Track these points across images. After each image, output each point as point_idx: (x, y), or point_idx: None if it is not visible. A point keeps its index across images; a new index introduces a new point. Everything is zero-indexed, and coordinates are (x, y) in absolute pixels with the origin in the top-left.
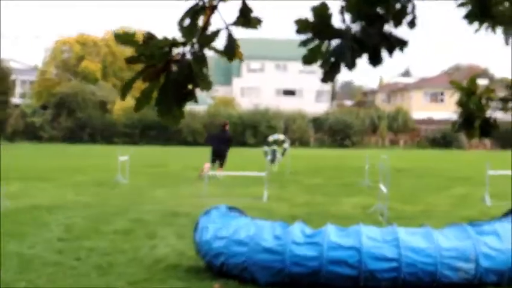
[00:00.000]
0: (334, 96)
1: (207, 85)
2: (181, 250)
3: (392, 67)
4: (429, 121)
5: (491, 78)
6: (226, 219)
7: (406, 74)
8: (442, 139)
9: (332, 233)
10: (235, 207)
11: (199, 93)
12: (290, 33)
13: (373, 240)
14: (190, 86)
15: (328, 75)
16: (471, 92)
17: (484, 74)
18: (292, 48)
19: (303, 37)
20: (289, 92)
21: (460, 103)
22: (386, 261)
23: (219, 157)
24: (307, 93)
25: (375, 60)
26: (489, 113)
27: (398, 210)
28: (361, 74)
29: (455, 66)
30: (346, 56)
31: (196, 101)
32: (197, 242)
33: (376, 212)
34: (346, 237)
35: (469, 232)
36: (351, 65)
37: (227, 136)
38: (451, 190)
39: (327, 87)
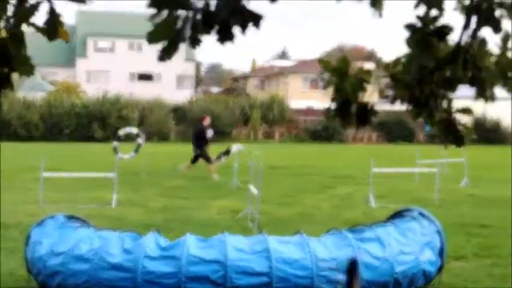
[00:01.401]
0: (198, 81)
1: (27, 69)
2: (9, 269)
3: (267, 48)
4: (309, 111)
5: (378, 62)
6: (65, 231)
7: (283, 56)
8: (324, 131)
9: (192, 245)
10: (75, 216)
11: (36, 78)
12: (146, 7)
13: (240, 252)
14: (6, 70)
15: (166, 52)
16: (343, 73)
17: (370, 56)
18: (148, 24)
19: None
20: (145, 77)
21: (330, 84)
22: (255, 275)
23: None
24: (167, 78)
25: (224, 36)
26: (367, 99)
27: (272, 215)
28: (231, 56)
29: (338, 48)
30: (187, 30)
31: (12, 89)
32: (29, 259)
33: (246, 217)
34: (209, 248)
35: (349, 239)
36: (194, 41)
37: (197, 130)
38: (333, 190)
39: (190, 71)
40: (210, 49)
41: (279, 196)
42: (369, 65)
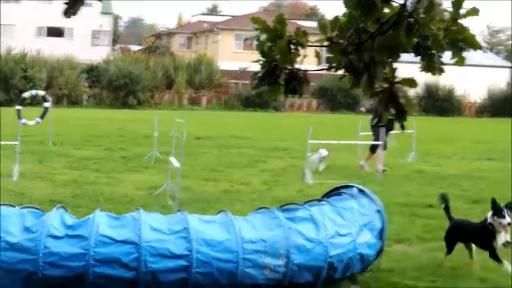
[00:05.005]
0: (116, 38)
1: None
2: None
3: (195, 1)
4: (241, 74)
5: (321, 19)
6: None
7: (213, 10)
8: (257, 98)
9: (102, 223)
10: None
11: None
12: None
13: (157, 232)
14: None
15: (71, 5)
16: (278, 35)
17: (313, 13)
18: None
19: None
20: (55, 32)
21: (261, 49)
22: (173, 258)
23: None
24: (80, 33)
25: None
26: (299, 65)
27: (196, 191)
28: (154, 9)
29: (276, 2)
30: None
31: None
32: None
33: (166, 193)
34: (121, 227)
35: (279, 219)
36: None
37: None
38: (265, 164)
39: (107, 25)
40: (129, 1)
41: (203, 170)
42: (311, 24)
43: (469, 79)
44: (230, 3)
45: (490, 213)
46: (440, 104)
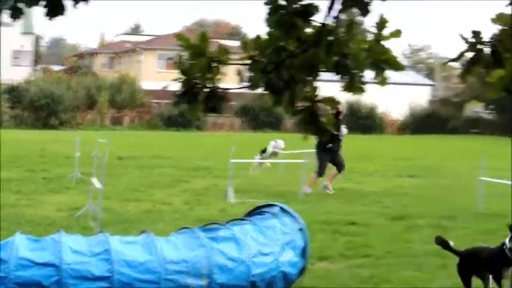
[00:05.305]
0: (38, 58)
1: None
2: None
3: (118, 21)
4: (164, 93)
5: (243, 38)
6: None
7: (136, 30)
8: (180, 117)
9: (22, 246)
10: None
11: None
12: None
13: (77, 254)
14: None
15: None
16: (199, 52)
17: (235, 32)
18: None
19: None
20: None
21: (182, 67)
22: (95, 280)
23: None
24: (1, 53)
25: (53, 9)
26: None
27: (118, 212)
28: (76, 29)
29: (199, 22)
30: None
31: None
32: None
33: (87, 214)
34: (41, 250)
35: (201, 239)
36: (15, 11)
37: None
38: (187, 184)
39: (28, 45)
40: (51, 21)
41: (125, 191)
42: (233, 43)
43: (391, 97)
44: (153, 23)
45: (508, 238)
46: (362, 121)
